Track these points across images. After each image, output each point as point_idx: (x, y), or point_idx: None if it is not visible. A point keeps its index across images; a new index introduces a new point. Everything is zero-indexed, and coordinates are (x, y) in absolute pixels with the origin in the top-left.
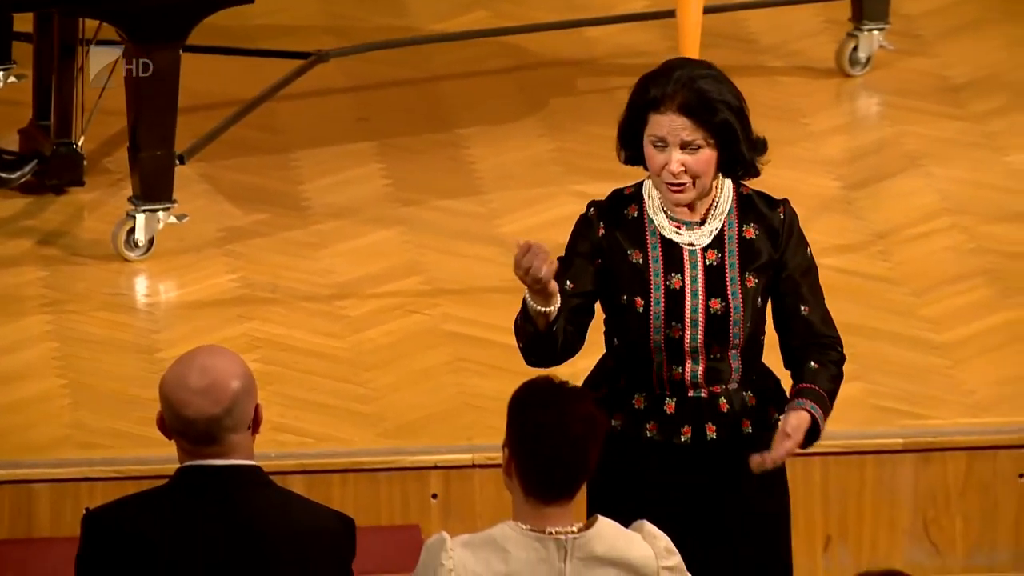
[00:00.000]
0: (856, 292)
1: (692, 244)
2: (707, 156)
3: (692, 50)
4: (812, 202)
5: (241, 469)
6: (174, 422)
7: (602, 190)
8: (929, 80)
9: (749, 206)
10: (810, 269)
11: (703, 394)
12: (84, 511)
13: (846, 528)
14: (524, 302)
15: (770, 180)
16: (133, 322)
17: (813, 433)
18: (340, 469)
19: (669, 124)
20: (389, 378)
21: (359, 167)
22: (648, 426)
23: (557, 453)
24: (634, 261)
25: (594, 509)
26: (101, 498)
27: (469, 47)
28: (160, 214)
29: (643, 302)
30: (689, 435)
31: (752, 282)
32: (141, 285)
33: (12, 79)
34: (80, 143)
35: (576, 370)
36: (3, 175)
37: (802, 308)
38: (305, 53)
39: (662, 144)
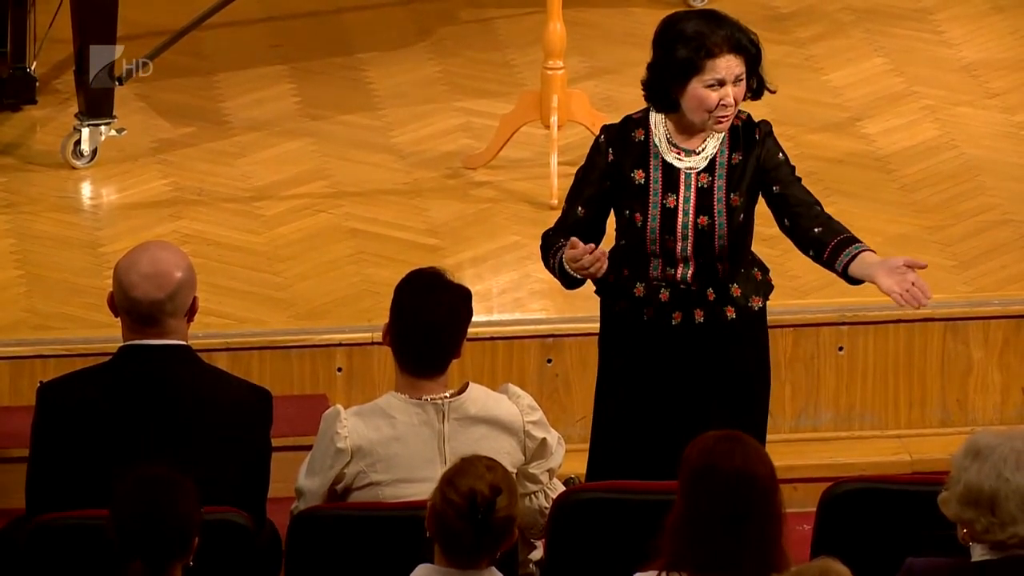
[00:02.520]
0: None
1: (690, 168)
2: (744, 84)
3: None
4: None
5: (174, 348)
6: (123, 302)
7: (481, 107)
8: (759, 10)
9: (737, 135)
10: (781, 167)
11: (694, 287)
12: (38, 384)
13: None
14: (562, 262)
15: (622, 97)
16: (79, 221)
17: None
18: (258, 347)
19: (727, 65)
20: (299, 268)
21: (273, 87)
22: (646, 311)
23: (422, 334)
24: (637, 181)
25: (602, 381)
26: (53, 372)
27: None
28: (102, 128)
29: (641, 217)
30: (680, 319)
31: (737, 201)
32: (86, 189)
33: None
34: (33, 67)
35: None
36: None
37: (774, 188)
38: None
39: (718, 84)
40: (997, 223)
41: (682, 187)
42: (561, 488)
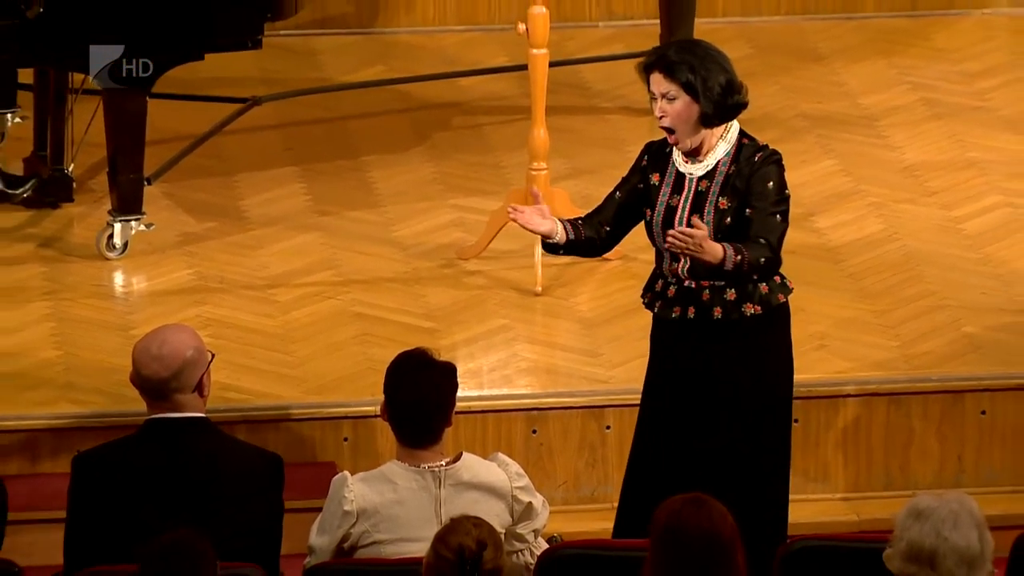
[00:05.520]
0: None
1: (691, 173)
2: (679, 106)
3: (540, 96)
4: None
5: (191, 420)
6: (136, 378)
7: (473, 204)
8: None
9: (741, 153)
10: (764, 195)
11: (693, 285)
12: (76, 452)
13: None
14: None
15: (599, 194)
16: (113, 307)
17: (721, 265)
18: (273, 419)
19: (654, 80)
20: (310, 348)
21: (286, 186)
22: (658, 304)
23: (413, 410)
24: (653, 182)
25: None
26: (91, 441)
27: (371, 94)
28: (133, 223)
29: (651, 212)
30: (678, 314)
31: (724, 204)
32: (119, 278)
33: (18, 119)
34: (70, 168)
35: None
36: (10, 192)
37: (747, 211)
38: (244, 99)
39: (654, 97)
40: (935, 308)
41: (686, 190)
42: (545, 546)
